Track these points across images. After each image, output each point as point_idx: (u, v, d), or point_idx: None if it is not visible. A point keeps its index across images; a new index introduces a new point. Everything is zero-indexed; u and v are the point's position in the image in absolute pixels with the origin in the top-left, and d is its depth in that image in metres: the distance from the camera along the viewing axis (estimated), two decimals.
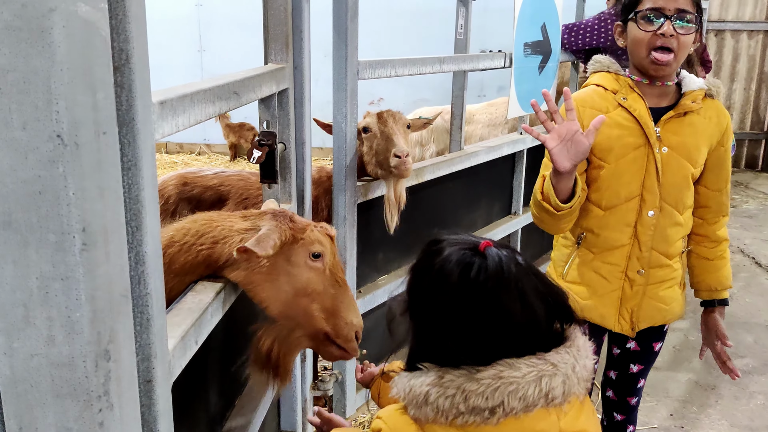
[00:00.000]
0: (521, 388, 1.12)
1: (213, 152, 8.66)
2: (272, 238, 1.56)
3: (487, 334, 1.17)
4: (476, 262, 1.19)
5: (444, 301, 1.19)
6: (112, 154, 0.89)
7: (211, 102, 1.43)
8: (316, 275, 1.64)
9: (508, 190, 4.12)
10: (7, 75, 0.76)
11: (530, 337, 1.19)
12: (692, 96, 2.00)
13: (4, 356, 0.85)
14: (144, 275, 1.05)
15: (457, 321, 1.18)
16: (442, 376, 1.15)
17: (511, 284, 1.17)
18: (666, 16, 1.88)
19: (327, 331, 1.67)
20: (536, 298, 1.19)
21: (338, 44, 2.51)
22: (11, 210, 0.80)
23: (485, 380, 1.12)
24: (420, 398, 1.15)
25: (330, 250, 1.68)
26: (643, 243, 2.05)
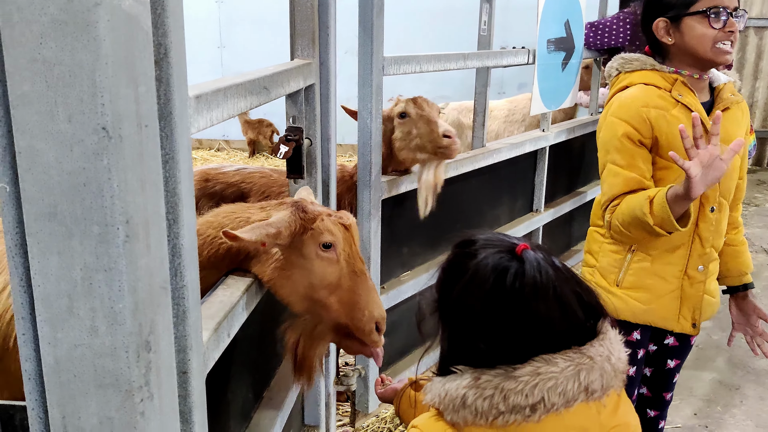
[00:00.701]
0: (560, 383, 1.11)
1: (232, 148, 8.71)
2: (270, 227, 1.53)
3: (523, 336, 1.15)
4: (512, 267, 1.16)
5: (479, 306, 1.17)
6: (152, 147, 0.90)
7: (242, 97, 1.44)
8: (330, 266, 1.60)
9: (530, 187, 4.10)
10: (54, 68, 0.77)
11: (566, 334, 1.17)
12: (729, 89, 2.05)
13: (49, 346, 0.86)
14: (181, 267, 1.06)
15: (492, 326, 1.16)
16: (478, 378, 1.14)
17: (549, 290, 1.15)
18: (729, 13, 1.93)
19: (346, 324, 1.63)
20: (573, 300, 1.18)
21: (364, 40, 2.51)
22: (56, 202, 0.81)
23: (523, 378, 1.11)
24: (457, 402, 1.14)
25: (344, 239, 1.62)
26: (705, 239, 2.06)
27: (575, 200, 4.59)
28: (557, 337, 1.16)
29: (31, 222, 0.82)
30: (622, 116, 2.02)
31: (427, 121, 2.65)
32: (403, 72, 2.74)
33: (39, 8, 0.75)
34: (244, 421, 1.84)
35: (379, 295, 1.69)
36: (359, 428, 2.94)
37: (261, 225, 1.54)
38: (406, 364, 3.22)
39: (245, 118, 7.98)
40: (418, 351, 3.34)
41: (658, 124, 1.98)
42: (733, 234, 2.20)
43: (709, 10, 1.93)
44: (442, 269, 1.30)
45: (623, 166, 2.02)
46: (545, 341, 1.15)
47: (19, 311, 0.92)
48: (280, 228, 1.55)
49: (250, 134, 8.09)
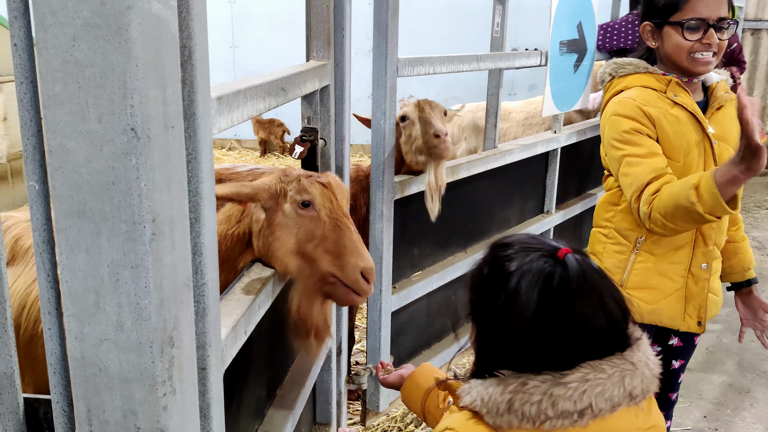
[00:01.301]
0: (607, 389, 1.12)
1: (243, 147, 8.74)
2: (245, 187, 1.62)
3: (570, 342, 1.15)
4: (557, 272, 1.16)
5: (527, 313, 1.15)
6: (178, 147, 0.92)
7: (261, 98, 1.46)
8: (311, 222, 1.66)
9: (541, 188, 4.11)
10: (85, 70, 0.80)
11: (610, 339, 1.18)
12: (722, 87, 2.07)
13: (75, 340, 0.88)
14: (201, 265, 1.08)
15: (540, 332, 1.15)
16: (525, 383, 1.13)
17: (594, 293, 1.16)
18: (709, 25, 1.92)
19: (334, 274, 1.67)
20: (614, 304, 1.18)
21: (378, 42, 2.53)
22: (86, 200, 0.83)
23: (572, 384, 1.11)
24: (503, 406, 1.13)
25: (323, 196, 1.68)
26: (708, 237, 2.07)
27: (586, 202, 4.59)
28: (602, 342, 1.17)
29: (61, 219, 0.85)
30: (626, 113, 2.02)
31: (423, 123, 2.67)
32: (416, 73, 2.75)
33: (72, 11, 0.78)
34: (257, 418, 1.86)
35: (366, 248, 1.71)
36: (370, 427, 2.96)
37: (236, 184, 1.62)
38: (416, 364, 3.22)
39: (257, 118, 8.01)
40: (428, 351, 3.35)
41: (659, 122, 1.99)
42: (734, 231, 2.22)
43: (685, 22, 1.93)
44: (478, 271, 1.27)
45: (643, 155, 1.98)
46: (591, 346, 1.16)
47: (46, 306, 0.94)
48: (257, 189, 1.64)
49: (261, 134, 8.13)
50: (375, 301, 2.78)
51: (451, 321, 1.37)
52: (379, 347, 2.85)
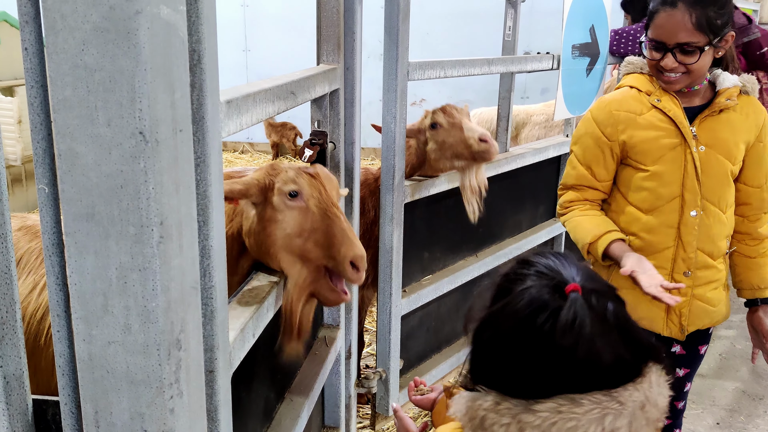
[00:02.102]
0: (581, 425, 1.03)
1: (256, 151, 8.78)
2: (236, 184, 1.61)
3: (546, 374, 1.08)
4: (550, 306, 1.08)
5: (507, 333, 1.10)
6: (186, 150, 0.92)
7: (270, 101, 1.47)
8: (300, 214, 1.65)
9: (553, 192, 4.08)
10: (95, 74, 0.80)
11: (596, 374, 1.08)
12: (727, 93, 2.03)
13: (83, 343, 0.89)
14: (209, 268, 1.08)
15: (517, 355, 1.09)
16: (498, 403, 1.08)
17: (581, 340, 1.06)
18: (666, 48, 1.94)
19: (325, 266, 1.67)
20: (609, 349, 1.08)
21: (389, 45, 2.53)
22: (94, 203, 0.84)
23: (542, 413, 1.04)
24: (476, 422, 1.09)
25: (310, 185, 1.68)
26: (687, 244, 2.05)
27: None
28: (583, 376, 1.08)
29: (69, 222, 0.85)
30: (595, 115, 2.14)
31: (459, 128, 2.68)
32: (427, 77, 2.75)
33: (82, 16, 0.78)
34: (266, 421, 1.86)
35: (357, 237, 1.69)
36: (379, 430, 2.96)
37: (228, 182, 1.61)
38: (427, 368, 3.22)
39: (269, 121, 8.04)
40: (438, 356, 3.35)
41: (626, 128, 2.06)
42: (753, 245, 2.14)
43: (648, 41, 1.98)
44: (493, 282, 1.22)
45: (580, 161, 2.16)
46: (571, 381, 1.07)
47: (55, 309, 0.95)
48: (248, 185, 1.63)
49: (273, 137, 8.16)
50: (385, 304, 2.78)
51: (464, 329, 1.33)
52: (388, 351, 2.85)
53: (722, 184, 2.04)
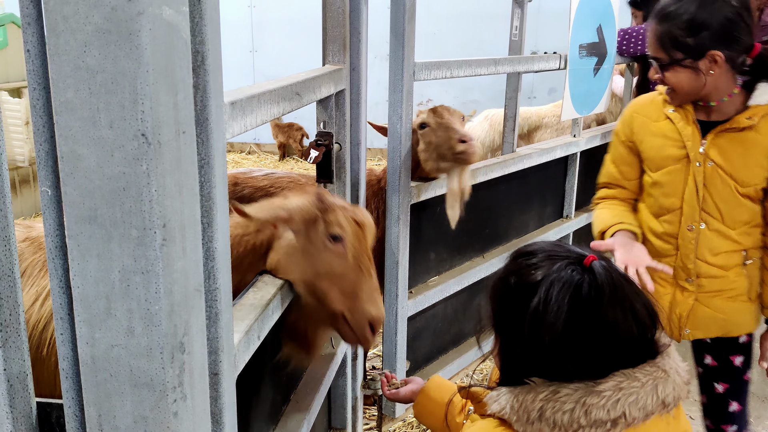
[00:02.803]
0: (641, 397, 1.11)
1: (263, 151, 8.79)
2: (281, 210, 1.58)
3: (602, 351, 1.14)
4: (585, 280, 1.15)
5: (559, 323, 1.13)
6: (189, 152, 0.92)
7: (275, 103, 1.46)
8: (336, 258, 1.62)
9: (560, 193, 4.07)
10: (96, 76, 0.80)
11: (641, 346, 1.17)
12: (752, 111, 1.93)
13: (86, 346, 0.88)
14: (214, 270, 1.08)
15: (571, 342, 1.14)
16: (557, 391, 1.12)
17: (623, 299, 1.15)
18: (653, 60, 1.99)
19: (343, 313, 1.65)
20: (643, 309, 1.18)
21: (395, 46, 2.52)
22: (97, 205, 0.83)
23: (606, 392, 1.11)
24: (533, 414, 1.12)
25: (354, 235, 1.65)
26: (684, 255, 2.05)
27: None
28: (633, 349, 1.16)
29: (72, 225, 0.85)
30: (623, 116, 2.20)
31: (445, 128, 2.63)
32: (433, 77, 2.74)
33: (84, 18, 0.78)
34: (271, 423, 1.86)
35: (381, 296, 1.69)
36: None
37: (272, 207, 1.60)
38: (433, 369, 3.21)
39: (276, 122, 8.05)
40: (444, 357, 3.34)
41: (639, 131, 2.11)
42: None
43: None
44: (502, 282, 1.26)
45: (610, 160, 2.25)
46: (623, 354, 1.15)
47: (58, 312, 0.94)
48: (292, 213, 1.61)
49: (280, 138, 8.17)
50: (391, 306, 2.77)
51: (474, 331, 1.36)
52: (395, 352, 2.84)
53: (729, 202, 1.99)
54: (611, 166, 2.23)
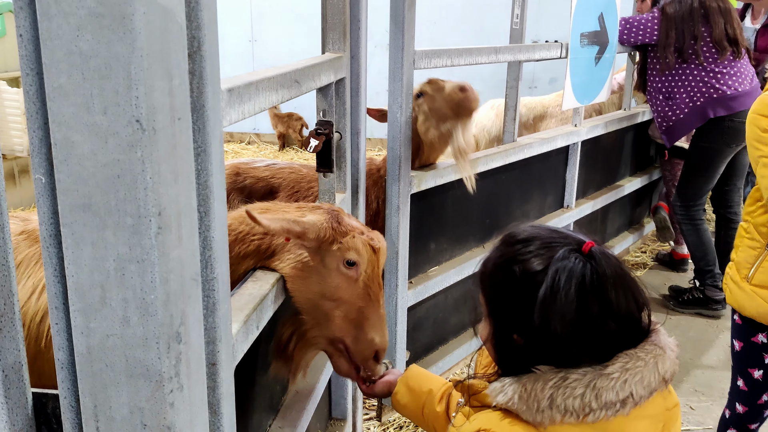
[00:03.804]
0: (645, 376, 1.15)
1: (262, 141, 8.76)
2: (296, 225, 1.54)
3: (609, 335, 1.17)
4: (588, 267, 1.17)
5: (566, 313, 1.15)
6: (185, 139, 0.90)
7: (274, 90, 1.44)
8: (347, 283, 1.60)
9: (561, 182, 4.06)
10: (89, 61, 0.78)
11: (641, 327, 1.21)
12: None
13: (81, 336, 0.87)
14: (211, 260, 1.06)
15: (580, 329, 1.16)
16: (566, 378, 1.14)
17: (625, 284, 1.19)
18: None
19: (345, 342, 1.63)
20: (639, 291, 1.22)
21: (395, 34, 2.50)
22: (91, 193, 0.82)
23: (614, 374, 1.14)
24: (544, 402, 1.14)
25: (369, 261, 1.62)
26: None
27: (607, 196, 4.54)
28: (635, 330, 1.20)
29: (66, 213, 0.83)
30: (764, 112, 2.05)
31: (441, 89, 2.64)
32: (434, 66, 2.72)
33: (76, 1, 0.76)
34: (271, 413, 1.85)
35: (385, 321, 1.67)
36: (386, 422, 2.94)
37: (287, 219, 1.56)
38: (433, 359, 3.21)
39: (275, 112, 8.02)
40: (444, 347, 3.33)
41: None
42: None
43: None
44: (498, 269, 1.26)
45: None
46: (627, 336, 1.18)
47: (53, 301, 0.93)
48: (306, 229, 1.56)
49: (279, 128, 8.14)
50: (391, 296, 2.76)
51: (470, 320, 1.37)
52: (395, 343, 2.83)
53: None
54: None
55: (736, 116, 3.85)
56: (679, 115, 4.00)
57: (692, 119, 3.96)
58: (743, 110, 3.83)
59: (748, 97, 3.85)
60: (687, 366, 3.57)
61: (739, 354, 2.26)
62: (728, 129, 3.87)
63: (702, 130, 3.97)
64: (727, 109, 3.84)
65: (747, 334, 2.21)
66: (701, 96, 3.90)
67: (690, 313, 4.16)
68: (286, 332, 1.66)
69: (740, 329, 2.24)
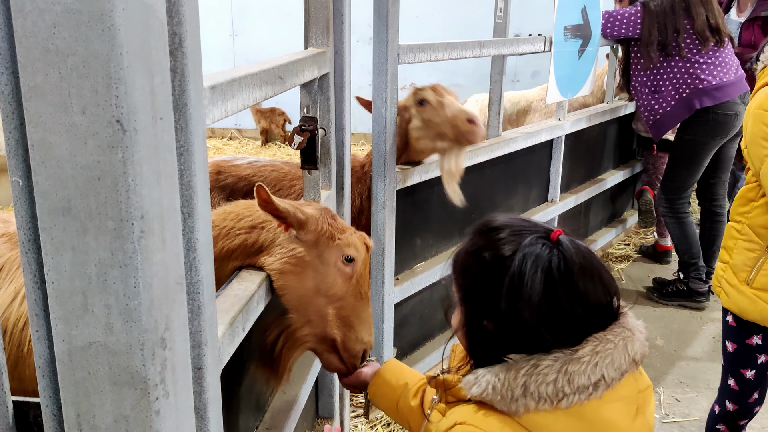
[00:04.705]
0: (616, 358, 1.16)
1: (244, 137, 8.69)
2: (300, 212, 1.54)
3: (577, 319, 1.18)
4: (555, 255, 1.18)
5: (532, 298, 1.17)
6: (168, 139, 0.87)
7: (257, 87, 1.42)
8: (342, 280, 1.60)
9: (545, 176, 4.06)
10: (67, 59, 0.75)
11: (609, 311, 1.22)
12: None
13: (63, 343, 0.84)
14: (196, 262, 1.04)
15: (547, 314, 1.17)
16: (537, 365, 1.15)
17: (593, 270, 1.20)
18: None
19: (335, 339, 1.63)
20: (608, 276, 1.23)
21: (379, 28, 2.48)
22: (70, 196, 0.79)
23: (585, 358, 1.15)
24: (517, 391, 1.15)
25: (363, 259, 1.63)
26: None
27: (591, 190, 4.55)
28: (603, 314, 1.21)
29: (45, 217, 0.81)
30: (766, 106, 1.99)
31: (447, 107, 2.59)
32: (418, 60, 2.70)
33: None
34: (258, 415, 1.83)
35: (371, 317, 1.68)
36: (373, 419, 2.93)
37: (294, 204, 1.55)
38: (420, 355, 3.20)
39: (257, 108, 7.96)
40: (431, 343, 3.32)
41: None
42: None
43: None
44: (470, 256, 1.27)
45: None
46: (595, 320, 1.19)
47: (33, 308, 0.90)
48: (308, 219, 1.56)
49: (262, 123, 8.07)
50: (377, 293, 2.74)
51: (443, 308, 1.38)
52: (381, 339, 2.82)
53: None
54: None
55: (720, 108, 3.86)
56: (665, 107, 4.01)
57: (679, 111, 3.97)
58: (727, 101, 3.84)
59: (732, 87, 3.87)
60: (671, 358, 3.59)
61: (732, 355, 2.26)
62: (712, 121, 3.89)
63: (686, 122, 3.98)
64: (712, 99, 3.85)
65: (741, 336, 2.20)
66: (686, 87, 3.91)
67: (674, 305, 4.18)
68: (272, 334, 1.63)
69: (734, 331, 2.23)
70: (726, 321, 2.26)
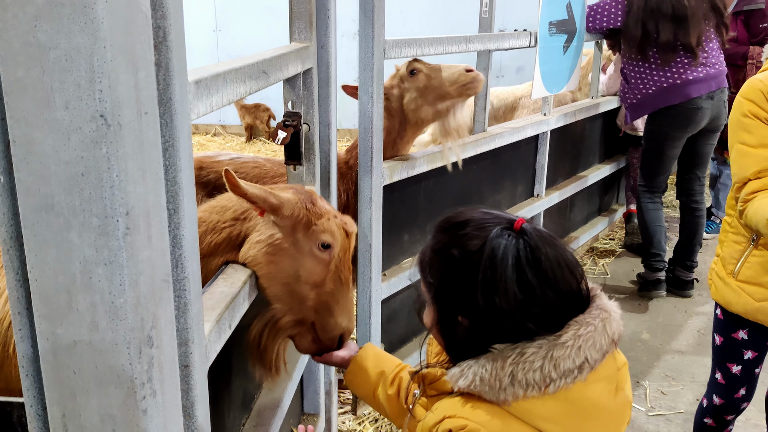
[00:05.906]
0: (597, 340, 1.18)
1: (228, 133, 8.64)
2: (272, 196, 1.52)
3: (551, 305, 1.19)
4: (521, 245, 1.20)
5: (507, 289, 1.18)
6: (152, 134, 0.86)
7: (242, 81, 1.40)
8: (319, 266, 1.58)
9: (531, 171, 4.07)
10: (49, 53, 0.74)
11: (581, 294, 1.24)
12: None
13: (47, 342, 0.83)
14: (182, 259, 1.03)
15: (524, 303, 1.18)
16: (523, 353, 1.16)
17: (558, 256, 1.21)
18: None
19: (314, 323, 1.62)
20: (574, 260, 1.25)
21: (364, 23, 2.46)
22: (53, 193, 0.78)
23: (568, 342, 1.16)
24: (505, 380, 1.16)
25: (341, 245, 1.61)
26: None
27: (576, 185, 4.57)
28: (577, 298, 1.23)
29: (28, 214, 0.79)
30: (747, 95, 2.00)
31: (441, 68, 2.66)
32: (404, 56, 2.69)
33: None
34: (245, 412, 1.82)
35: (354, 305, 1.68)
36: (361, 416, 2.93)
37: (265, 189, 1.54)
38: (408, 351, 3.20)
39: (242, 103, 7.92)
40: (419, 338, 3.32)
41: None
42: None
43: None
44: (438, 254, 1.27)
45: (753, 145, 1.97)
46: (571, 305, 1.21)
47: (16, 306, 0.89)
48: (282, 203, 1.54)
49: (247, 119, 8.03)
50: (365, 289, 2.74)
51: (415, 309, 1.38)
52: (369, 335, 2.81)
53: None
54: (755, 151, 1.96)
55: (689, 102, 3.89)
56: (632, 99, 4.10)
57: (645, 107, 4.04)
58: (696, 97, 3.87)
59: (702, 84, 3.89)
60: (657, 351, 3.62)
61: (719, 348, 2.27)
62: (678, 114, 3.92)
63: (652, 114, 4.05)
64: (682, 96, 3.89)
65: (728, 329, 2.22)
66: (653, 85, 3.96)
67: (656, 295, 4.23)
68: (255, 329, 1.62)
69: (722, 324, 2.24)
70: (716, 314, 2.28)
